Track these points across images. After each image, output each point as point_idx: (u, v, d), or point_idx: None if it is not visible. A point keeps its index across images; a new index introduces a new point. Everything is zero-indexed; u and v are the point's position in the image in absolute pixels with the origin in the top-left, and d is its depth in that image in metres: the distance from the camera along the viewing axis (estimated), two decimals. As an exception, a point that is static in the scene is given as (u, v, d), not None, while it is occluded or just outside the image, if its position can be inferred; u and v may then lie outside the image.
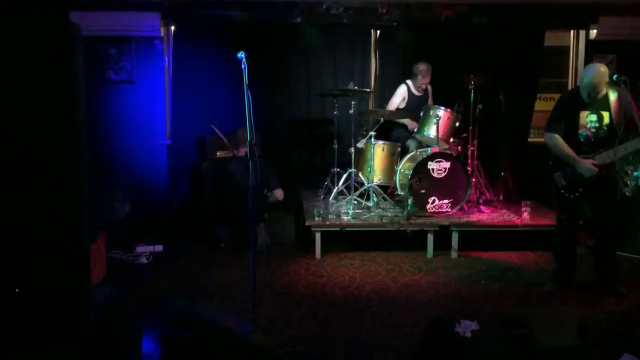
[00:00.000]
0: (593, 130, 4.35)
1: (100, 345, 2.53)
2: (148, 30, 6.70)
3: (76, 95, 2.36)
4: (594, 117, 4.34)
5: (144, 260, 5.36)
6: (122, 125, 6.93)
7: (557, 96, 7.71)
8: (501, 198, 6.44)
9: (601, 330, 3.79)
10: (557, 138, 4.45)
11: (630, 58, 7.11)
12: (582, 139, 4.39)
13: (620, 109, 4.30)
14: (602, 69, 4.26)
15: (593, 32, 7.24)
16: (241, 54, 3.44)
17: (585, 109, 4.36)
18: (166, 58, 6.89)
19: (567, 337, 2.91)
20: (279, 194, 5.95)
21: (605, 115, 4.31)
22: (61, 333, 2.29)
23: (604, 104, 4.31)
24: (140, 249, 5.55)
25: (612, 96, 4.31)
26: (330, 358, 3.44)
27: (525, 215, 5.71)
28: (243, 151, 5.78)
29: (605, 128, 4.31)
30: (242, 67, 3.44)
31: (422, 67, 6.39)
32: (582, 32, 7.43)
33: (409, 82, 6.57)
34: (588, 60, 7.44)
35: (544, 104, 7.71)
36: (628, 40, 7.16)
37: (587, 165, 4.30)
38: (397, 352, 3.51)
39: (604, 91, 4.30)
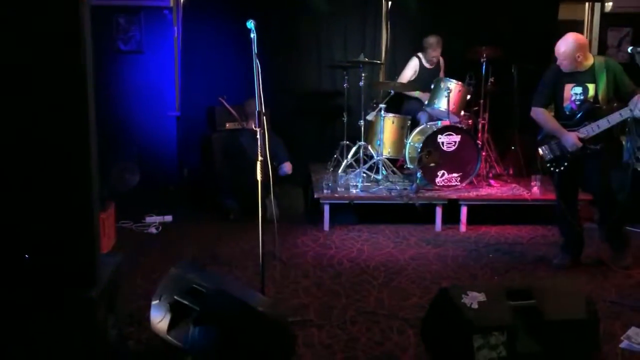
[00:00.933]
0: (577, 102, 4.29)
1: (109, 310, 2.56)
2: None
3: (84, 64, 2.34)
4: (578, 90, 4.28)
5: (153, 230, 5.40)
6: (131, 96, 6.93)
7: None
8: (511, 172, 6.41)
9: (609, 304, 3.79)
10: (542, 111, 4.41)
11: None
12: (567, 112, 4.34)
13: (608, 81, 4.19)
14: (569, 37, 4.23)
15: (609, 5, 7.13)
16: (250, 23, 3.41)
17: (569, 81, 4.30)
18: (175, 28, 6.85)
19: (574, 310, 2.92)
20: (287, 167, 5.93)
21: (590, 87, 4.22)
22: (70, 298, 2.31)
23: (589, 76, 4.22)
24: (149, 219, 5.58)
25: (599, 68, 4.20)
26: (337, 327, 3.47)
27: (535, 189, 5.68)
28: (252, 123, 5.76)
29: (590, 100, 4.22)
30: (251, 36, 3.42)
31: (432, 39, 6.33)
32: (598, 5, 7.31)
33: (420, 55, 6.50)
34: (603, 34, 7.34)
35: (556, 79, 7.63)
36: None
37: (572, 138, 4.25)
38: (405, 322, 3.54)
39: (586, 61, 4.22)
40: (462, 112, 6.07)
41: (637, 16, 7.09)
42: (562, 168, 4.38)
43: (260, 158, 3.42)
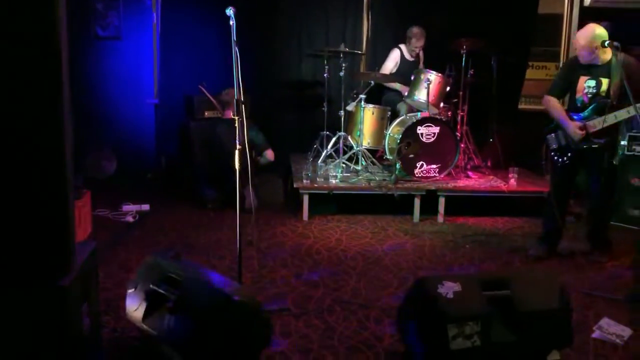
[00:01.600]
0: (590, 95, 4.30)
1: (83, 299, 2.53)
2: (136, -15, 6.59)
3: (59, 50, 2.29)
4: (592, 83, 4.29)
5: (130, 219, 5.35)
6: (109, 83, 6.86)
7: (549, 64, 7.72)
8: (489, 164, 6.47)
9: (582, 295, 3.85)
10: (551, 100, 4.45)
11: (624, 25, 7.07)
12: (578, 104, 4.37)
13: (623, 78, 4.10)
14: (597, 30, 4.17)
15: (587, -1, 7.19)
16: (229, 10, 3.38)
17: (585, 74, 4.31)
18: (154, 14, 6.77)
19: (547, 301, 2.95)
20: (269, 154, 5.90)
21: (604, 82, 4.22)
22: (42, 287, 2.28)
23: (605, 70, 4.21)
24: (126, 207, 5.53)
25: (616, 64, 4.17)
26: (314, 317, 3.47)
27: (513, 181, 5.74)
28: (230, 113, 5.73)
29: (603, 95, 4.23)
30: (230, 23, 3.39)
31: (416, 30, 6.34)
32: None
33: (402, 46, 6.51)
34: (581, 28, 7.38)
35: (536, 72, 7.69)
36: (621, 7, 7.11)
37: (572, 127, 4.29)
38: (381, 311, 3.56)
39: (603, 56, 4.22)
40: (442, 104, 6.10)
41: (616, 10, 7.16)
42: (565, 158, 4.40)
43: (238, 147, 3.40)
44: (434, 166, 5.81)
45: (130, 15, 6.74)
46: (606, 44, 4.10)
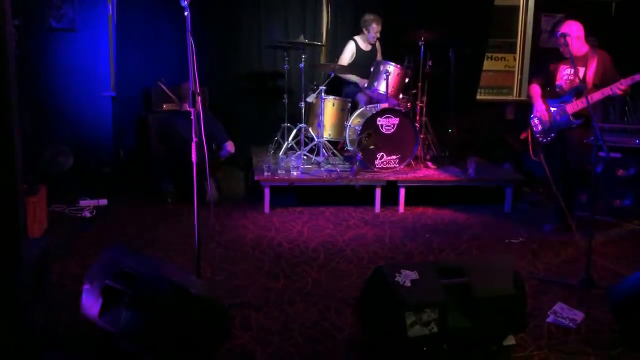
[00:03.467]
0: (567, 82, 4.77)
1: (35, 295, 2.48)
2: (90, -24, 6.43)
3: (4, 41, 2.23)
4: (569, 71, 4.77)
5: (87, 214, 5.24)
6: (64, 76, 6.67)
7: (507, 56, 7.86)
8: (448, 154, 6.54)
9: (536, 281, 3.94)
10: (532, 86, 5.04)
11: (579, 17, 7.22)
12: (557, 89, 4.85)
13: (598, 69, 4.63)
14: (573, 26, 4.67)
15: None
16: (184, 1, 3.33)
17: (564, 63, 4.82)
18: (110, 6, 6.62)
19: (503, 287, 3.02)
20: (229, 146, 5.84)
21: (581, 70, 4.65)
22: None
23: (583, 60, 4.68)
24: (83, 202, 5.42)
25: (593, 55, 4.67)
26: (275, 309, 3.47)
27: (471, 171, 5.82)
28: (188, 105, 5.65)
29: (577, 82, 4.57)
30: (185, 14, 3.34)
31: (372, 16, 6.35)
32: (532, -9, 7.52)
33: (356, 38, 6.54)
34: (537, 20, 7.56)
35: (494, 64, 7.83)
36: (576, -1, 7.28)
37: (540, 107, 4.87)
38: (342, 302, 3.57)
39: (580, 48, 4.69)
40: (401, 95, 6.15)
41: (570, 2, 7.31)
42: (549, 139, 4.89)
43: (195, 139, 3.36)
44: (394, 157, 5.86)
45: (85, 7, 6.56)
46: (558, 34, 4.40)
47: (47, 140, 6.36)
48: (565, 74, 4.82)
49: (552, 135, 4.86)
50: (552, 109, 4.83)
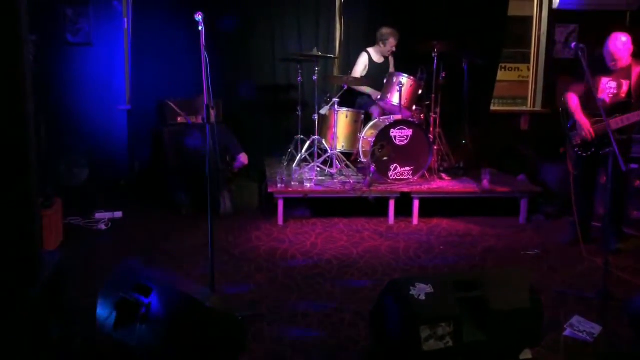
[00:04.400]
0: (610, 96, 4.54)
1: (51, 308, 2.49)
2: (107, -10, 6.53)
3: (22, 56, 2.26)
4: (613, 84, 4.53)
5: (102, 226, 5.27)
6: (80, 89, 6.76)
7: (521, 66, 7.84)
8: (462, 166, 6.50)
9: (553, 293, 3.90)
10: (570, 97, 4.69)
11: (592, 28, 7.20)
12: (598, 103, 4.44)
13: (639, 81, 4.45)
14: (623, 38, 4.44)
15: (556, 2, 7.31)
16: (198, 17, 3.38)
17: (606, 75, 4.55)
18: (125, 20, 6.71)
19: (519, 300, 2.99)
20: (243, 158, 5.87)
21: (625, 84, 4.47)
22: (8, 297, 2.24)
23: (626, 73, 4.47)
24: (99, 215, 5.45)
25: (636, 66, 4.47)
26: (288, 322, 3.47)
27: (485, 183, 5.78)
28: (202, 117, 5.70)
29: (623, 96, 4.45)
30: (199, 29, 3.38)
31: (390, 30, 6.36)
32: (545, 1, 7.50)
33: (370, 49, 6.55)
34: (550, 30, 7.53)
35: (508, 74, 7.81)
36: (590, 10, 7.24)
37: (584, 124, 4.54)
38: (356, 315, 3.56)
39: (626, 61, 4.47)
40: (414, 107, 6.14)
41: (584, 13, 7.29)
42: (589, 153, 4.63)
43: (209, 152, 3.39)
44: (408, 168, 5.84)
45: (101, 21, 6.66)
46: (572, 46, 4.22)
47: (63, 152, 6.43)
48: (607, 87, 4.56)
49: (593, 150, 4.61)
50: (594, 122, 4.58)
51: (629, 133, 4.50)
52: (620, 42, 4.44)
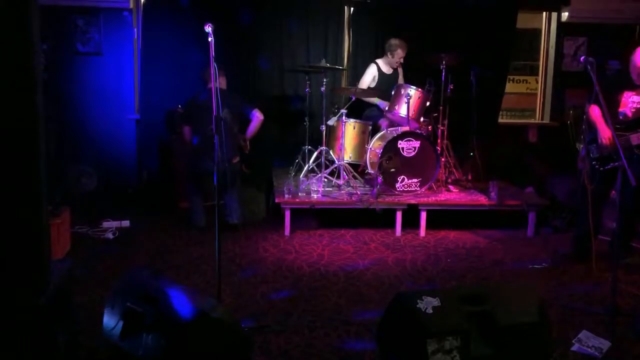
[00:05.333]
0: (633, 110, 4.44)
1: (58, 318, 2.49)
2: (117, 1, 6.63)
3: (33, 66, 2.28)
4: (637, 99, 4.46)
5: (110, 235, 5.29)
6: (90, 98, 6.82)
7: (529, 78, 7.84)
8: (470, 178, 6.50)
9: (561, 308, 3.87)
10: (593, 108, 4.57)
11: (601, 41, 7.20)
12: (620, 117, 4.48)
13: None
14: None
15: (565, 15, 7.31)
16: (208, 28, 3.40)
17: (630, 89, 4.47)
18: (135, 30, 6.77)
19: (527, 314, 2.97)
20: (258, 114, 5.65)
21: None
22: (16, 306, 2.25)
23: None
24: (106, 224, 5.47)
25: None
26: (294, 334, 3.45)
27: (493, 195, 5.77)
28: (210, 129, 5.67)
29: None
30: (209, 40, 3.40)
31: (398, 41, 6.38)
32: (554, 14, 7.50)
33: (378, 60, 6.56)
34: (559, 43, 7.54)
35: (515, 86, 7.80)
36: (599, 23, 7.24)
37: (604, 133, 4.42)
38: (362, 327, 3.54)
39: None
40: (422, 119, 6.14)
41: (592, 26, 7.29)
42: (607, 167, 4.50)
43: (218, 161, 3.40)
44: (415, 180, 5.83)
45: (111, 31, 6.73)
46: (582, 59, 4.16)
47: (72, 161, 6.46)
48: (631, 102, 4.46)
49: (611, 164, 4.44)
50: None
51: None
52: None
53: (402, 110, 5.96)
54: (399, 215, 5.58)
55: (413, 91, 5.94)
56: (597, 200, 4.67)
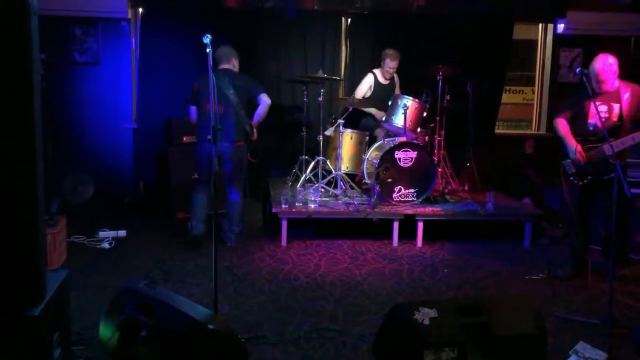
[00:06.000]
0: (603, 120, 4.32)
1: (54, 328, 2.48)
2: (115, 11, 6.61)
3: (32, 75, 2.28)
4: (603, 108, 4.39)
5: (106, 245, 5.27)
6: (87, 108, 6.84)
7: (526, 89, 7.87)
8: (466, 188, 6.51)
9: (558, 319, 3.87)
10: (560, 122, 4.58)
11: (596, 52, 7.22)
12: (590, 128, 4.44)
13: (633, 103, 4.32)
14: (610, 59, 4.35)
15: (560, 26, 7.36)
16: (206, 39, 3.42)
17: (597, 98, 4.36)
18: (133, 40, 6.79)
19: (523, 326, 2.97)
20: (265, 98, 5.41)
21: (616, 107, 4.35)
22: (12, 317, 2.24)
23: (616, 96, 4.35)
24: (102, 234, 5.45)
25: (626, 89, 4.36)
26: (291, 344, 3.44)
27: (490, 205, 5.77)
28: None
29: (615, 119, 4.33)
30: (207, 51, 3.41)
31: (390, 51, 6.41)
32: (550, 26, 7.56)
33: (375, 71, 6.59)
34: (555, 54, 7.58)
35: (512, 97, 7.83)
36: (594, 34, 7.29)
37: (575, 148, 4.41)
38: (359, 338, 3.53)
39: (614, 83, 4.36)
40: (419, 129, 6.16)
41: (587, 38, 7.34)
42: (585, 181, 4.46)
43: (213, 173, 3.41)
44: (412, 190, 5.84)
45: (109, 41, 6.75)
46: (577, 71, 4.20)
47: (69, 170, 6.47)
48: (598, 111, 4.29)
49: (589, 177, 4.43)
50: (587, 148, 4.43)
51: (623, 158, 4.26)
52: (606, 63, 4.34)
53: (399, 120, 5.97)
54: (395, 225, 5.59)
55: (410, 102, 5.96)
56: (583, 215, 4.62)
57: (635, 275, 4.74)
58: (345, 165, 6.16)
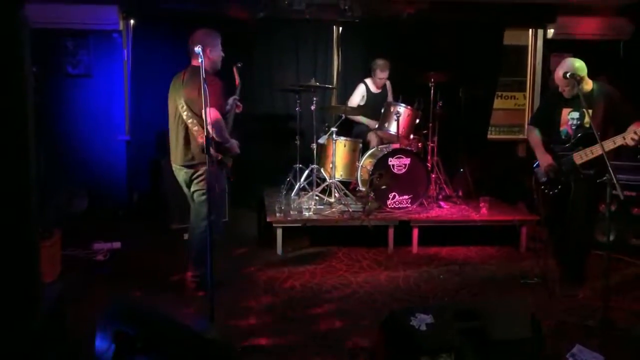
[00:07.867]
0: (574, 127, 4.31)
1: (51, 342, 2.47)
2: (106, 23, 6.62)
3: (25, 89, 2.28)
4: (575, 115, 4.31)
5: (101, 257, 5.25)
6: (80, 120, 6.83)
7: (517, 94, 7.91)
8: (460, 194, 6.53)
9: (554, 322, 3.87)
10: (532, 130, 4.54)
11: (586, 57, 7.27)
12: (563, 136, 4.38)
13: (606, 108, 4.15)
14: (577, 64, 4.21)
15: (550, 32, 7.42)
16: (198, 49, 3.43)
17: (567, 105, 4.32)
18: (125, 52, 6.79)
19: (520, 329, 2.98)
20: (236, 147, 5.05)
21: (589, 113, 4.11)
22: (7, 331, 2.23)
23: (588, 101, 4.09)
24: (97, 246, 5.43)
25: (598, 94, 4.19)
26: (287, 353, 3.44)
27: (484, 210, 5.80)
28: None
29: (587, 126, 4.16)
30: (199, 61, 3.43)
31: (380, 61, 6.45)
32: (540, 31, 7.61)
33: (367, 80, 6.63)
34: (545, 59, 7.63)
35: (503, 102, 7.86)
36: (584, 39, 7.34)
37: (544, 159, 4.38)
38: (356, 346, 3.52)
39: (584, 87, 4.20)
40: (412, 136, 6.18)
41: (578, 42, 7.38)
42: (555, 191, 4.39)
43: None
44: (406, 197, 5.85)
45: (101, 53, 6.76)
46: (567, 75, 4.19)
47: (63, 183, 6.45)
48: (570, 118, 4.32)
49: (559, 187, 4.37)
50: (559, 156, 4.36)
51: (597, 167, 4.08)
52: (572, 67, 4.20)
53: (392, 127, 6.00)
54: (391, 232, 5.59)
55: (402, 109, 5.99)
56: (558, 224, 4.50)
57: (629, 277, 4.74)
58: (339, 173, 6.17)
